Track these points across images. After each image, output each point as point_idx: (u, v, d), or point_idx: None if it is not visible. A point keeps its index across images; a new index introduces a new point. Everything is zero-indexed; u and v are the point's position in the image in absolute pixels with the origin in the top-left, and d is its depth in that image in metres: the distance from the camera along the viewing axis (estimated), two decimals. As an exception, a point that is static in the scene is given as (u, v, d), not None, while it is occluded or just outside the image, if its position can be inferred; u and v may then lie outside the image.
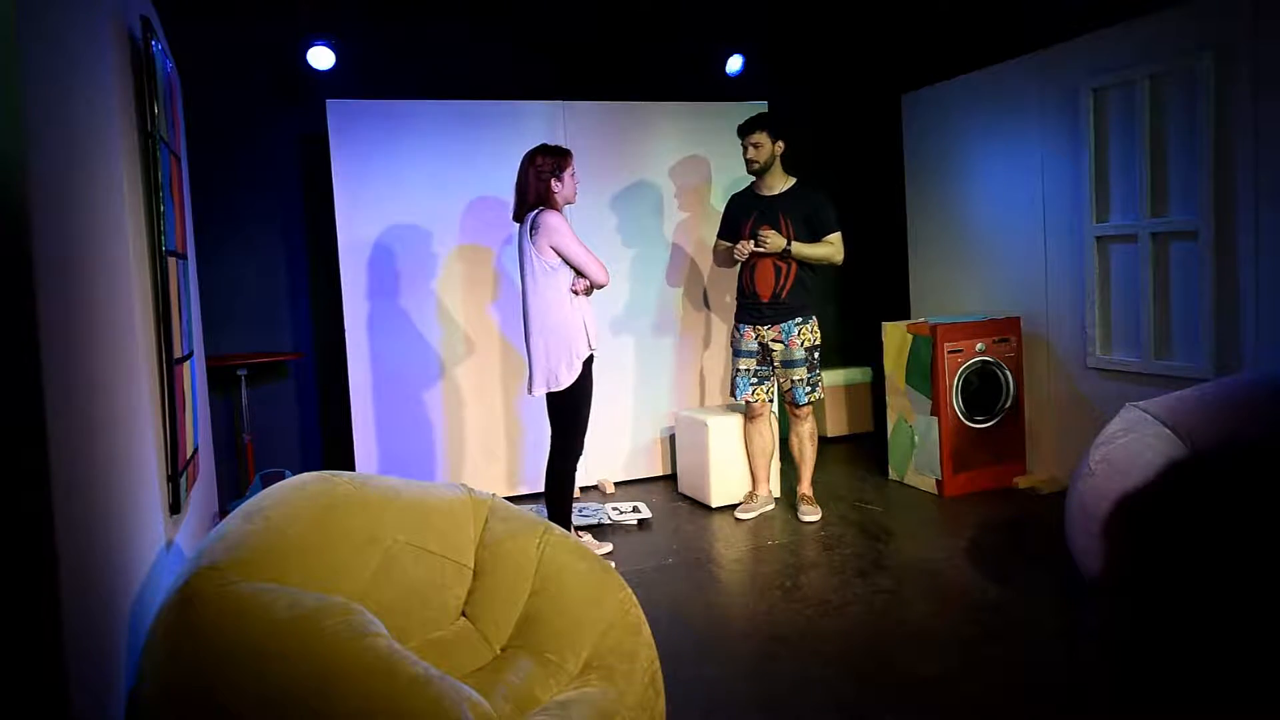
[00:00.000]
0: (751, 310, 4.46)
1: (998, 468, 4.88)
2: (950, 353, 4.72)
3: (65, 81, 1.61)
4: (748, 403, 4.60)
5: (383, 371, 4.89)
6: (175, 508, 2.38)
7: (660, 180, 5.37)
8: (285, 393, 5.30)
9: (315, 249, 5.24)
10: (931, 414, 4.78)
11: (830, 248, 4.37)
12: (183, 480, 2.47)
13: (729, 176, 5.47)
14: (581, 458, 4.07)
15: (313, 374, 5.35)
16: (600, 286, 3.90)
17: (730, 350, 4.70)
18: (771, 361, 4.48)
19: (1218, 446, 2.89)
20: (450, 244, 4.98)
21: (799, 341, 4.40)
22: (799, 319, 4.41)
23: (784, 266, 4.37)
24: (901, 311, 5.82)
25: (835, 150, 6.27)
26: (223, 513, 4.30)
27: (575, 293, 3.86)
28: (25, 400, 1.25)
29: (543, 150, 3.90)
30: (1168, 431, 2.97)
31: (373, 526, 2.07)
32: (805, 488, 4.63)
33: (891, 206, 6.00)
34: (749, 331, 4.49)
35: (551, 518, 3.98)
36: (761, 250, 4.31)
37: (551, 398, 3.94)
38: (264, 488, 2.09)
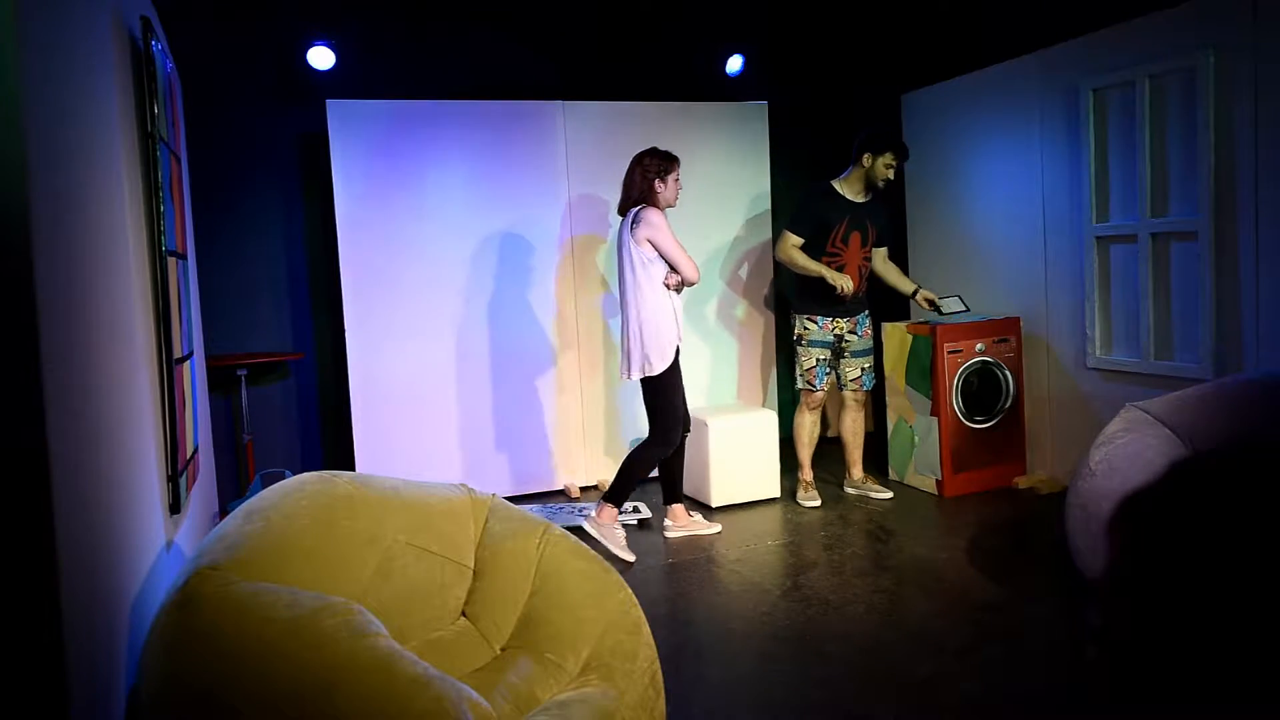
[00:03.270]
0: (836, 303, 4.66)
1: (998, 468, 4.88)
2: (950, 353, 4.73)
3: (65, 81, 1.61)
4: (812, 391, 4.75)
5: (383, 371, 4.89)
6: (175, 508, 2.39)
7: (660, 180, 5.36)
8: (285, 393, 5.30)
9: (315, 249, 5.24)
10: (931, 414, 4.78)
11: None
12: (183, 480, 2.47)
13: (729, 176, 5.47)
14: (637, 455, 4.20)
15: (313, 374, 5.34)
16: (691, 284, 4.16)
17: (796, 342, 4.77)
18: (841, 352, 4.74)
19: (1218, 446, 2.89)
20: (451, 244, 4.98)
21: (869, 333, 4.82)
22: (865, 312, 4.83)
23: (865, 268, 4.73)
24: (901, 312, 5.81)
25: (835, 150, 6.25)
26: (223, 513, 4.30)
27: (667, 287, 4.10)
28: (25, 401, 1.25)
29: (652, 152, 4.16)
30: (1168, 431, 2.97)
31: (373, 526, 2.07)
32: (862, 470, 4.96)
33: (891, 207, 5.98)
34: (828, 324, 4.70)
35: (608, 493, 4.17)
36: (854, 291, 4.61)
37: (646, 384, 4.15)
38: (264, 488, 2.09)
